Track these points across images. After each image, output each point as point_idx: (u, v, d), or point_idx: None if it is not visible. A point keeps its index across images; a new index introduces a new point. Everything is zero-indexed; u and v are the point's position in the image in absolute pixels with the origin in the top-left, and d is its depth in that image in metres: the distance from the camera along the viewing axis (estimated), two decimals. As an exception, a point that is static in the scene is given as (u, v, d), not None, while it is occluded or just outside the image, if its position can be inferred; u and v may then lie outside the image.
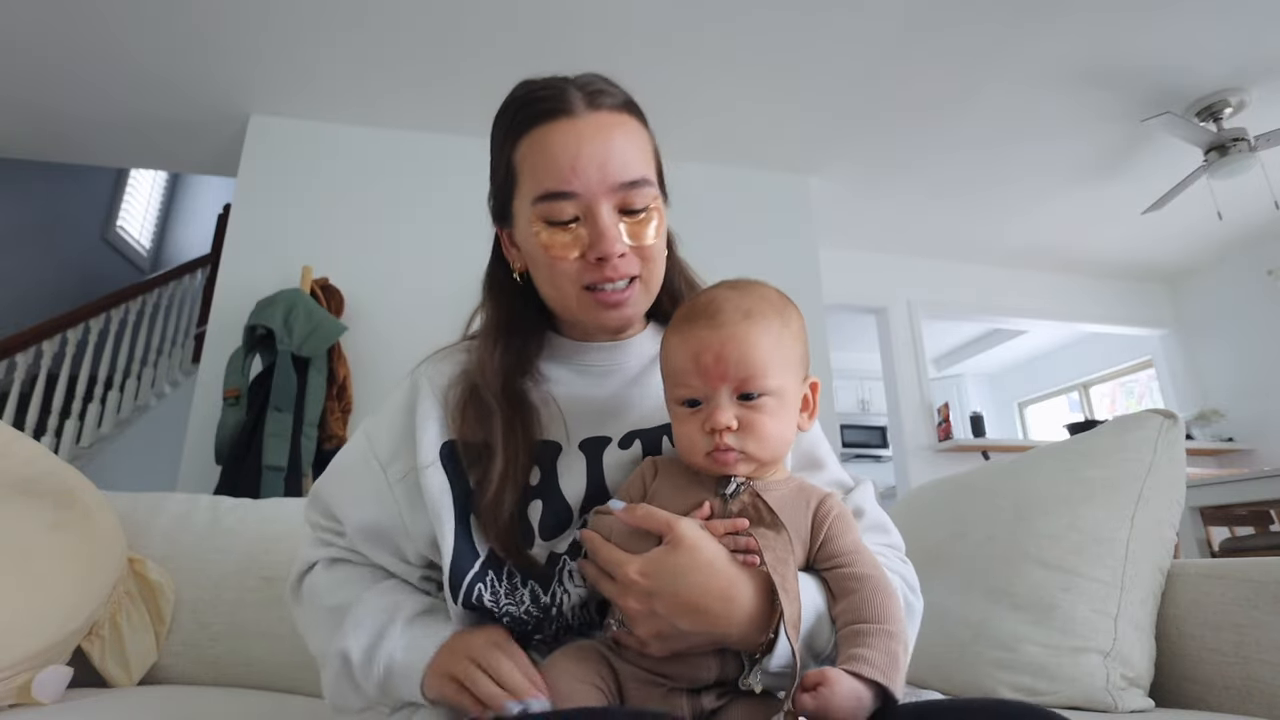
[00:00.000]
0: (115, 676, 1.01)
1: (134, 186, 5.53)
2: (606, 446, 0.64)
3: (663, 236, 0.65)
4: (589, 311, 0.63)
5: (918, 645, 0.60)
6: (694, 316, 0.58)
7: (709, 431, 0.55)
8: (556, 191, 0.59)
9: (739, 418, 0.54)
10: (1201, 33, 2.55)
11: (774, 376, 0.55)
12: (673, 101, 2.89)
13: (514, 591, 0.58)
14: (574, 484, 0.62)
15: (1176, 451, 0.90)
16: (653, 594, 0.50)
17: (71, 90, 2.85)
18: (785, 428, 0.57)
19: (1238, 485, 2.50)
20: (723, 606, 0.49)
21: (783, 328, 0.57)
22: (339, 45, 2.62)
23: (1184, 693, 0.83)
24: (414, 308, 2.82)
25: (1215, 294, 4.47)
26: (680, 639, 0.51)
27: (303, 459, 2.33)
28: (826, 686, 0.45)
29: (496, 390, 0.62)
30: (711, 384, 0.55)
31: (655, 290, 0.66)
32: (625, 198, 0.61)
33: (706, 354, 0.55)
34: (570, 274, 0.61)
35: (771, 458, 0.57)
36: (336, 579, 0.68)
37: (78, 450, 3.39)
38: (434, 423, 0.63)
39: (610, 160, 0.60)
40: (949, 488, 1.16)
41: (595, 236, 0.59)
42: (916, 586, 0.62)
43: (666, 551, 0.51)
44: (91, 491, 1.03)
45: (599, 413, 0.66)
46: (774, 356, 0.55)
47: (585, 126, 0.61)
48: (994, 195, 3.68)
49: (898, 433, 4.10)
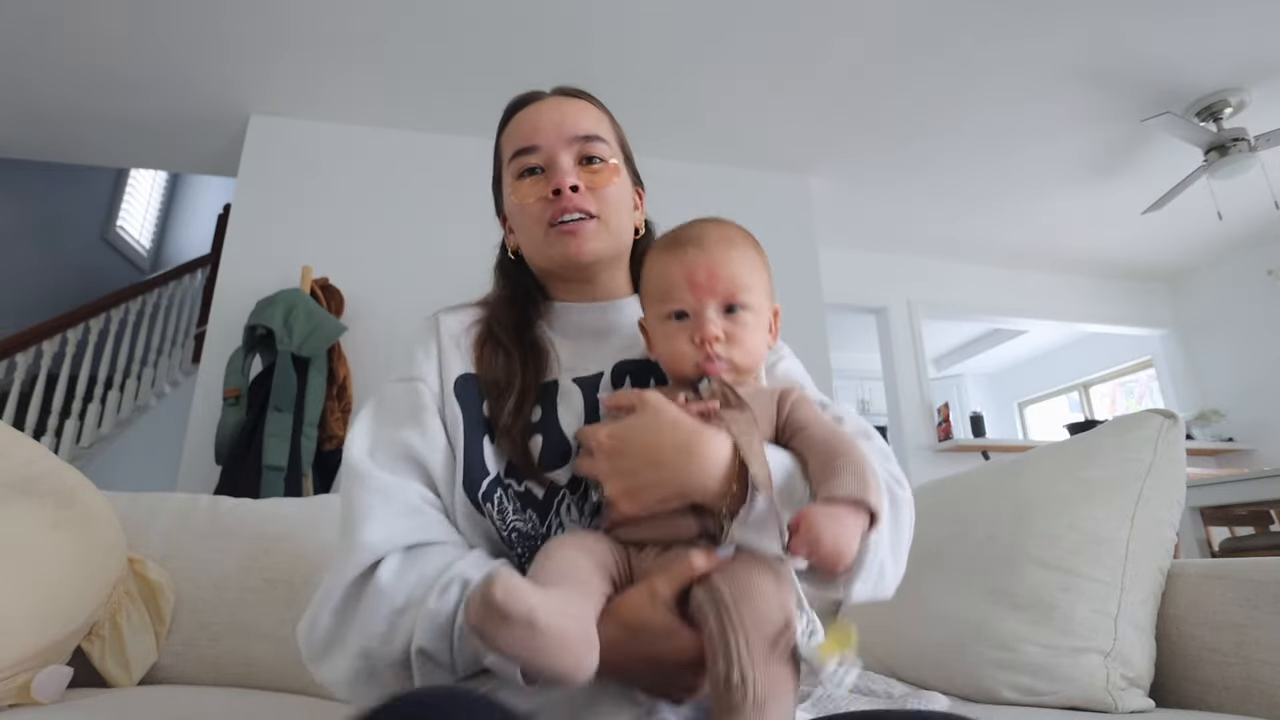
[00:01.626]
0: (115, 676, 1.01)
1: (134, 186, 5.53)
2: (599, 382, 0.69)
3: (624, 193, 0.74)
4: (553, 245, 0.70)
5: (918, 645, 0.60)
6: (682, 242, 0.64)
7: (699, 342, 0.60)
8: (522, 148, 0.71)
9: (725, 330, 0.60)
10: (1201, 33, 2.55)
11: (753, 294, 0.62)
12: (673, 101, 2.89)
13: (519, 512, 0.62)
14: (571, 417, 0.66)
15: (1176, 451, 0.90)
16: (618, 452, 0.55)
17: (71, 90, 2.85)
18: (760, 341, 0.64)
19: (1238, 485, 2.50)
20: (682, 459, 0.53)
21: (756, 254, 0.66)
22: (339, 45, 2.62)
23: (1184, 693, 0.83)
24: (414, 308, 2.80)
25: (1215, 294, 4.47)
26: (646, 491, 0.54)
27: (303, 459, 2.33)
28: (805, 523, 0.48)
29: (511, 333, 0.70)
30: (701, 299, 0.61)
31: (620, 237, 0.73)
32: (582, 149, 0.71)
33: (699, 271, 0.61)
34: (535, 214, 0.70)
35: (750, 366, 0.63)
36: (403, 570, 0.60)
37: (78, 450, 3.39)
38: (454, 357, 0.70)
39: (566, 119, 0.72)
40: (949, 488, 1.16)
41: (551, 173, 0.70)
42: (902, 480, 0.65)
43: (633, 416, 0.57)
44: (91, 491, 1.03)
45: (588, 353, 0.72)
46: (753, 278, 0.63)
47: (547, 102, 0.74)
48: (994, 195, 3.68)
49: (898, 433, 4.10)
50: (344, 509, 0.63)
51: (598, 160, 0.71)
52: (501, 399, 0.66)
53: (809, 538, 0.47)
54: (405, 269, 2.93)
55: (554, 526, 0.61)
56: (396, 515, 0.59)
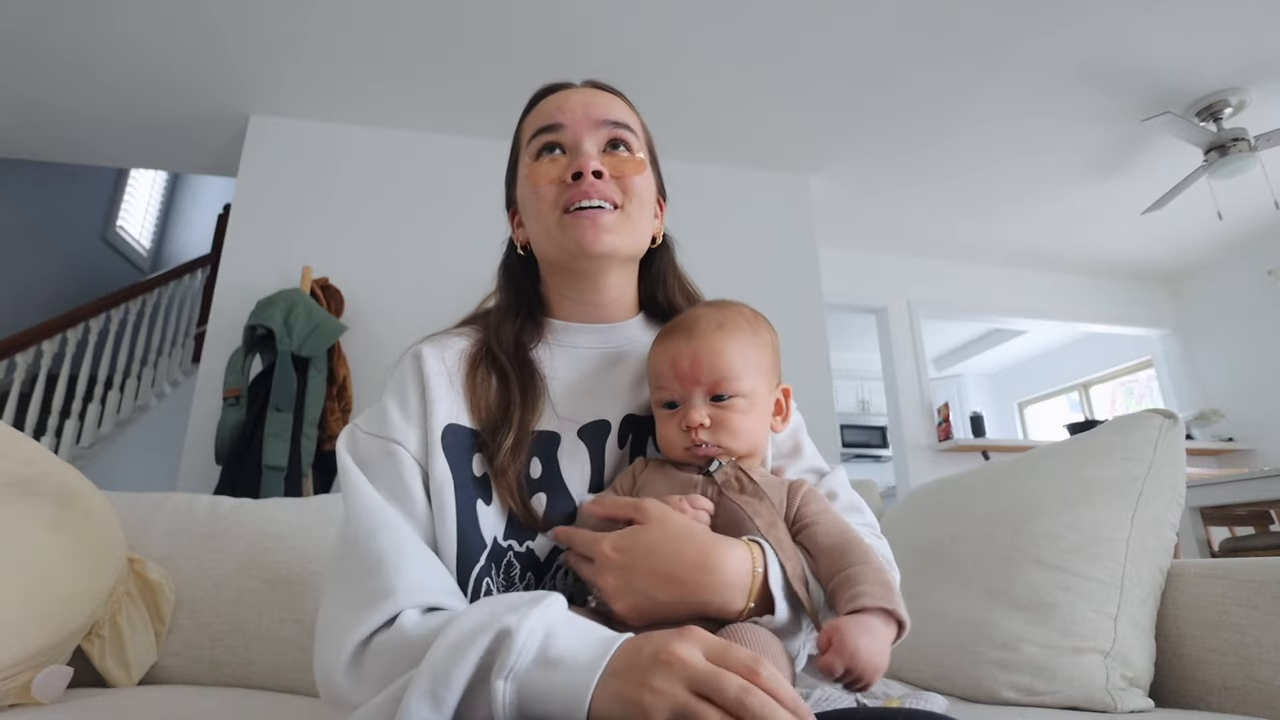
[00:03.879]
0: (115, 676, 1.01)
1: (134, 186, 5.53)
2: (607, 437, 0.65)
3: (649, 189, 0.68)
4: (567, 231, 0.63)
5: (918, 645, 0.61)
6: (674, 330, 0.63)
7: (685, 429, 0.59)
8: (545, 125, 0.66)
9: (711, 416, 0.59)
10: (1201, 33, 2.55)
11: (744, 380, 0.60)
12: (674, 102, 2.89)
13: (510, 586, 0.58)
14: (578, 475, 0.63)
15: (1176, 451, 0.90)
16: (627, 568, 0.51)
17: (71, 90, 2.84)
18: (755, 424, 0.61)
19: (1238, 485, 2.50)
20: (700, 575, 0.49)
21: (753, 337, 0.63)
22: (339, 45, 2.62)
23: (1184, 693, 0.83)
24: (414, 308, 2.82)
25: (1215, 294, 4.46)
26: (658, 610, 0.50)
27: (303, 459, 2.33)
28: (839, 636, 0.46)
29: (510, 354, 0.65)
30: (687, 387, 0.60)
31: (639, 235, 0.67)
32: (610, 133, 0.66)
33: (682, 360, 0.60)
34: (550, 197, 0.64)
35: (746, 449, 0.61)
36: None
37: (78, 450, 3.38)
38: (443, 400, 0.61)
39: (595, 103, 0.66)
40: (949, 488, 1.16)
41: (574, 156, 0.64)
42: (892, 560, 0.64)
43: (637, 528, 0.53)
44: (91, 491, 1.03)
45: (590, 392, 0.67)
46: (743, 362, 0.61)
47: (576, 89, 0.69)
48: (994, 195, 3.68)
49: (898, 433, 4.09)
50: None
51: (624, 149, 0.66)
52: (497, 434, 0.60)
53: (845, 652, 0.46)
54: (405, 269, 2.93)
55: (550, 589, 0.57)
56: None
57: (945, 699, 0.83)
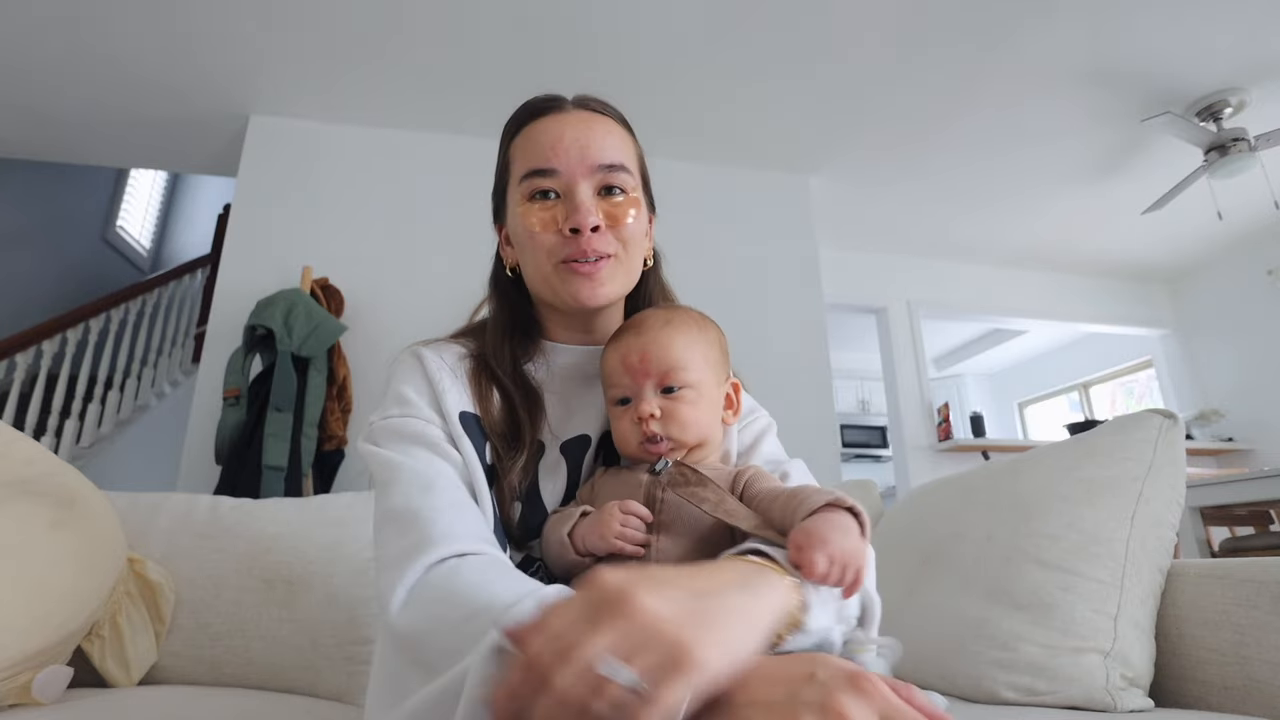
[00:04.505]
0: (115, 676, 1.01)
1: (134, 187, 5.53)
2: (586, 452, 0.67)
3: (642, 226, 0.69)
4: (564, 284, 0.64)
5: (918, 645, 0.61)
6: (624, 329, 0.66)
7: (637, 421, 0.61)
8: (539, 169, 0.64)
9: (662, 407, 0.61)
10: (1201, 33, 2.55)
11: (691, 371, 0.63)
12: (673, 101, 2.89)
13: None
14: (553, 488, 0.65)
15: (1176, 451, 0.90)
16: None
17: (71, 91, 2.84)
18: (704, 415, 0.63)
19: (1238, 485, 2.50)
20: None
21: (700, 333, 0.65)
22: (339, 45, 2.62)
23: (1184, 693, 0.83)
24: (414, 308, 2.82)
25: (1215, 294, 4.46)
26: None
27: (303, 459, 2.33)
28: (805, 535, 0.47)
29: (511, 374, 0.66)
30: (637, 380, 0.62)
31: (634, 274, 0.69)
32: (604, 178, 0.65)
33: (631, 355, 0.63)
34: (546, 247, 0.64)
35: (695, 440, 0.63)
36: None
37: (78, 450, 3.38)
38: (452, 389, 0.64)
39: (591, 144, 0.65)
40: (949, 488, 1.16)
41: (571, 209, 0.63)
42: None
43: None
44: (91, 491, 1.03)
45: (577, 409, 0.69)
46: (690, 355, 0.63)
47: (570, 117, 0.67)
48: (994, 195, 3.68)
49: (898, 433, 4.09)
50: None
51: (619, 192, 0.66)
52: (510, 452, 0.62)
53: (816, 543, 0.46)
54: (405, 269, 2.93)
55: None
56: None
57: (945, 698, 0.83)
